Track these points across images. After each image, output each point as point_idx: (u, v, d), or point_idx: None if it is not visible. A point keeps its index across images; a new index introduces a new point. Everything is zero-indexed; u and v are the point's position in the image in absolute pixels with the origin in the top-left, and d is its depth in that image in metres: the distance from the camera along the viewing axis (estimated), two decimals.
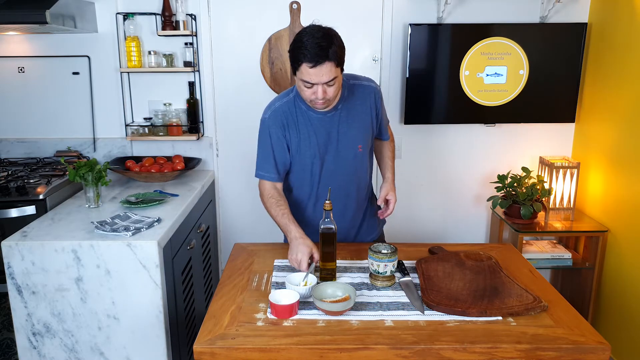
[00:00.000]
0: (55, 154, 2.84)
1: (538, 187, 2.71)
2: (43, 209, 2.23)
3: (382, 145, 2.01)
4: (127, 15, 2.71)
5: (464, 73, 2.79)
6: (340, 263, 1.74)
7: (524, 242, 2.87)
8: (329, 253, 1.58)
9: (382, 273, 1.57)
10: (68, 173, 2.13)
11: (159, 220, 2.04)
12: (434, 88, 2.83)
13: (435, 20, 2.79)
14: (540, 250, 2.79)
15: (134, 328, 1.92)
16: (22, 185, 2.27)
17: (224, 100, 2.92)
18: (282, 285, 1.56)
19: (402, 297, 1.52)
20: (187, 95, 2.85)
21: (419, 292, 1.54)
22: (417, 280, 1.62)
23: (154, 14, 2.73)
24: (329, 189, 1.65)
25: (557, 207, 2.79)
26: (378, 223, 2.02)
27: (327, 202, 1.57)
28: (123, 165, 2.69)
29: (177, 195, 2.40)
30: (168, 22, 2.68)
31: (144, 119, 2.86)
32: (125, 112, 2.84)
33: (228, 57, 2.86)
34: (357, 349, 1.28)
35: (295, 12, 2.79)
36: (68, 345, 1.93)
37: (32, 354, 1.94)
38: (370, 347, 1.28)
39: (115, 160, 2.76)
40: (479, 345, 1.28)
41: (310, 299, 1.48)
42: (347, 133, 1.79)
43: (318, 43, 1.54)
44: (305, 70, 1.58)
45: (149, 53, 2.73)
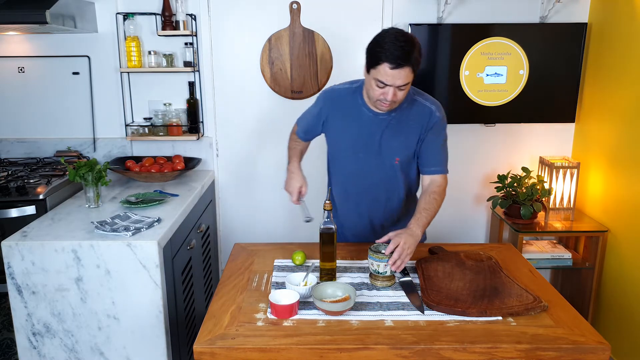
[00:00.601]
0: (55, 154, 2.84)
1: (538, 187, 2.71)
2: (43, 209, 2.23)
3: (425, 192, 1.77)
4: (127, 15, 2.71)
5: (464, 73, 2.79)
6: (340, 263, 1.74)
7: (524, 242, 2.87)
8: (329, 253, 1.58)
9: (382, 273, 1.57)
10: (68, 173, 2.13)
11: (159, 220, 2.04)
12: (434, 88, 2.83)
13: (435, 20, 2.79)
14: (540, 250, 2.79)
15: (134, 328, 1.92)
16: (22, 185, 2.27)
17: (224, 100, 2.92)
18: (282, 285, 1.56)
19: (402, 297, 1.52)
20: (187, 95, 2.85)
21: (419, 292, 1.54)
22: (417, 280, 1.62)
23: (154, 14, 2.73)
24: (329, 189, 1.65)
25: (557, 207, 2.79)
26: None
27: (326, 202, 1.57)
28: (123, 165, 2.69)
29: (177, 195, 2.40)
30: (168, 22, 2.68)
31: (144, 119, 2.86)
32: (125, 112, 2.84)
33: (228, 57, 2.86)
34: (357, 349, 1.28)
35: (295, 12, 2.79)
36: (68, 345, 1.93)
37: (32, 354, 1.94)
38: (370, 347, 1.28)
39: (115, 160, 2.76)
40: (479, 345, 1.28)
41: (310, 299, 1.48)
42: (389, 141, 1.77)
43: (402, 46, 1.55)
44: (384, 70, 1.57)
45: (149, 53, 2.73)
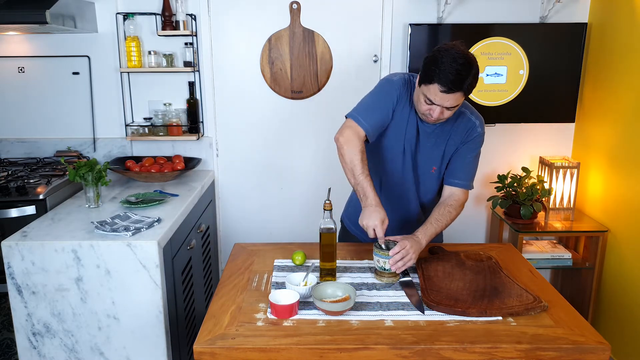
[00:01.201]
0: (55, 154, 2.84)
1: (538, 187, 2.71)
2: (43, 209, 2.23)
3: (441, 203, 1.76)
4: (127, 15, 2.71)
5: None
6: (340, 263, 1.74)
7: (524, 242, 2.87)
8: (329, 253, 1.58)
9: (387, 270, 1.58)
10: (68, 173, 2.13)
11: (159, 220, 2.04)
12: None
13: (435, 20, 2.79)
14: (540, 250, 2.79)
15: (134, 328, 1.92)
16: (22, 185, 2.27)
17: (224, 100, 2.92)
18: (282, 285, 1.56)
19: (402, 297, 1.52)
20: (187, 95, 2.85)
21: (419, 292, 1.54)
22: (417, 280, 1.62)
23: (154, 14, 2.73)
24: (329, 189, 1.65)
25: (557, 207, 2.79)
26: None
27: (326, 202, 1.57)
28: (123, 165, 2.69)
29: (177, 195, 2.40)
30: (168, 22, 2.68)
31: (144, 119, 2.86)
32: (125, 112, 2.84)
33: (228, 57, 2.86)
34: (357, 349, 1.28)
35: (295, 12, 2.79)
36: (68, 345, 1.93)
37: (32, 354, 1.94)
38: (370, 347, 1.28)
39: (115, 160, 2.75)
40: (479, 345, 1.28)
41: (310, 299, 1.48)
42: (430, 150, 1.74)
43: (458, 70, 1.48)
44: (434, 91, 1.53)
45: (149, 53, 2.73)
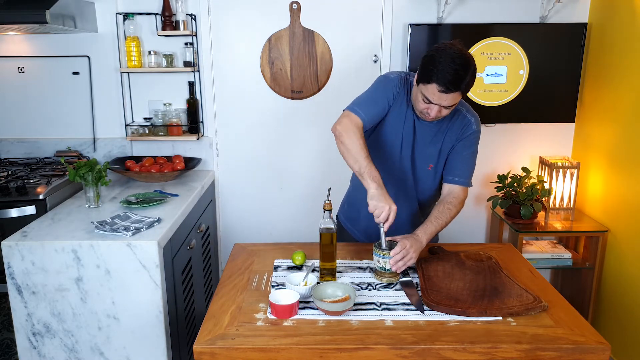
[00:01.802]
0: (55, 154, 2.84)
1: (538, 187, 2.71)
2: (43, 209, 2.23)
3: (441, 202, 1.77)
4: (127, 15, 2.71)
5: None
6: (340, 263, 1.74)
7: (524, 242, 2.87)
8: (329, 253, 1.58)
9: (388, 270, 1.58)
10: (68, 173, 2.13)
11: (159, 220, 2.04)
12: None
13: (435, 20, 2.79)
14: (540, 250, 2.79)
15: (134, 328, 1.92)
16: (22, 185, 2.27)
17: (224, 100, 2.92)
18: (282, 285, 1.56)
19: (402, 297, 1.52)
20: (187, 95, 2.85)
21: (419, 292, 1.54)
22: (417, 280, 1.62)
23: (154, 14, 2.73)
24: (329, 189, 1.65)
25: (557, 207, 2.79)
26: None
27: (326, 202, 1.57)
28: (123, 165, 2.69)
29: (177, 195, 2.40)
30: (168, 22, 2.68)
31: (144, 119, 2.86)
32: (125, 112, 2.84)
33: (228, 57, 2.86)
34: (357, 349, 1.28)
35: (295, 12, 2.79)
36: (68, 345, 1.93)
37: (32, 354, 1.94)
38: (370, 347, 1.28)
39: (115, 160, 2.76)
40: (479, 345, 1.28)
41: (310, 299, 1.48)
42: (426, 147, 1.75)
43: (456, 70, 1.49)
44: (432, 90, 1.54)
45: (149, 53, 2.73)
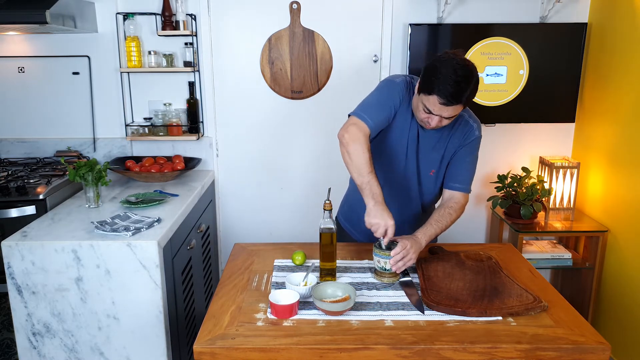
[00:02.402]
0: (55, 154, 2.84)
1: (538, 187, 2.71)
2: (43, 209, 2.23)
3: (441, 205, 1.77)
4: (127, 15, 2.71)
5: None
6: (340, 263, 1.74)
7: (524, 242, 2.87)
8: (329, 253, 1.58)
9: (388, 270, 1.58)
10: (68, 173, 2.13)
11: (159, 220, 2.04)
12: None
13: (435, 20, 2.79)
14: (540, 250, 2.79)
15: (134, 328, 1.92)
16: (22, 185, 2.26)
17: (224, 100, 2.92)
18: (282, 285, 1.56)
19: (402, 297, 1.52)
20: (187, 95, 2.85)
21: (419, 292, 1.54)
22: (417, 280, 1.62)
23: (154, 14, 2.72)
24: (329, 189, 1.65)
25: (557, 207, 2.79)
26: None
27: (326, 202, 1.57)
28: (123, 165, 2.69)
29: (177, 195, 2.40)
30: (168, 22, 2.68)
31: (144, 119, 2.86)
32: (125, 112, 2.84)
33: (228, 57, 2.86)
34: (357, 349, 1.28)
35: (295, 12, 2.79)
36: (68, 345, 1.93)
37: (32, 354, 1.94)
38: (370, 347, 1.28)
39: (115, 160, 2.76)
40: (479, 345, 1.28)
41: (310, 299, 1.48)
42: (429, 152, 1.75)
43: (458, 82, 1.47)
44: (433, 102, 1.53)
45: (149, 53, 2.73)
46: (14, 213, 2.20)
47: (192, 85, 2.81)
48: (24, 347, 1.93)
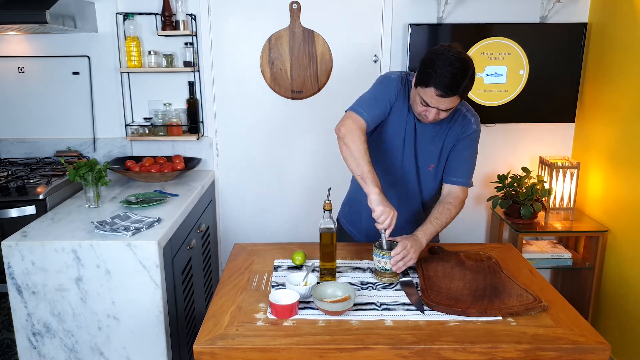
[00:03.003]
0: (55, 154, 2.84)
1: (538, 187, 2.71)
2: (43, 209, 2.23)
3: (440, 202, 1.76)
4: (127, 15, 2.71)
5: None
6: (340, 263, 1.74)
7: (524, 242, 2.87)
8: (329, 253, 1.58)
9: (388, 270, 1.58)
10: (68, 173, 2.13)
11: (159, 220, 2.04)
12: None
13: (435, 20, 2.79)
14: (540, 250, 2.79)
15: (134, 328, 1.92)
16: (22, 185, 2.27)
17: (224, 100, 2.92)
18: (282, 285, 1.56)
19: (402, 297, 1.52)
20: (187, 95, 2.85)
21: (419, 292, 1.54)
22: (417, 280, 1.62)
23: (154, 14, 2.72)
24: (329, 189, 1.65)
25: (557, 207, 2.79)
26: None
27: (326, 202, 1.57)
28: (123, 165, 2.69)
29: (177, 195, 2.40)
30: (168, 22, 2.68)
31: (144, 119, 2.86)
32: (125, 112, 2.84)
33: (228, 57, 2.86)
34: (357, 349, 1.28)
35: (295, 12, 2.79)
36: (68, 345, 1.93)
37: (32, 354, 1.94)
38: (370, 347, 1.28)
39: (115, 160, 2.76)
40: (479, 345, 1.28)
41: (310, 299, 1.48)
42: (427, 147, 1.76)
43: (454, 74, 1.49)
44: (430, 94, 1.54)
45: (149, 53, 2.73)
46: (14, 213, 2.20)
47: (192, 85, 2.81)
48: (24, 347, 1.93)
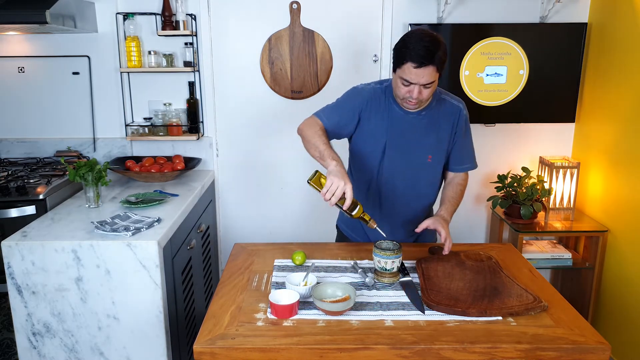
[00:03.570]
0: (55, 154, 2.84)
1: (538, 187, 2.71)
2: (43, 209, 2.23)
3: (450, 183, 1.92)
4: (127, 15, 2.71)
5: (464, 73, 2.79)
6: (341, 263, 1.74)
7: (524, 242, 2.87)
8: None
9: (389, 270, 1.59)
10: (68, 173, 2.13)
11: (159, 220, 2.04)
12: None
13: (435, 20, 2.79)
14: (540, 250, 2.79)
15: (134, 328, 1.92)
16: (22, 185, 2.27)
17: (224, 100, 2.92)
18: (282, 285, 1.56)
19: (402, 297, 1.52)
20: (187, 95, 2.85)
21: (419, 292, 1.54)
22: (417, 280, 1.62)
23: (154, 14, 2.73)
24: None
25: (557, 207, 2.79)
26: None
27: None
28: (123, 165, 2.69)
29: (177, 195, 2.40)
30: (168, 22, 2.68)
31: (144, 119, 2.86)
32: (125, 112, 2.84)
33: (228, 57, 2.86)
34: (357, 349, 1.28)
35: (295, 12, 2.79)
36: (68, 345, 1.93)
37: (32, 354, 1.94)
38: (370, 347, 1.28)
39: (115, 160, 2.76)
40: (479, 345, 1.28)
41: (310, 299, 1.48)
42: (420, 140, 1.80)
43: (426, 46, 1.58)
44: (408, 70, 1.61)
45: (149, 53, 2.73)
46: (14, 213, 2.20)
47: (192, 85, 2.81)
48: (24, 347, 1.93)
